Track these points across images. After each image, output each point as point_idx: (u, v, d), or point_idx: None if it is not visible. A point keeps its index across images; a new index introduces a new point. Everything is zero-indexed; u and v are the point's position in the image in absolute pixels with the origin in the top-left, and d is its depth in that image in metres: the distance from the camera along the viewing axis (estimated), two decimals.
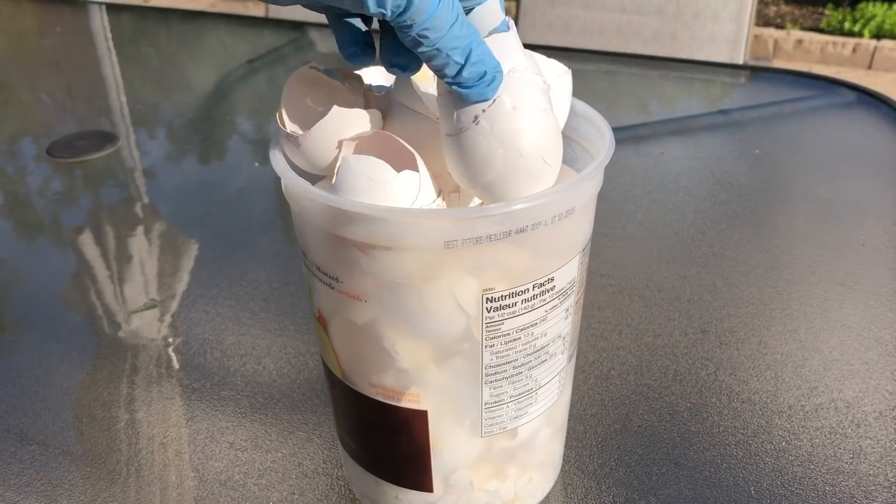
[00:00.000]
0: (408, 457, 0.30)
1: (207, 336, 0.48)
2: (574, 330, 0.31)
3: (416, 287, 0.26)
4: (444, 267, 0.25)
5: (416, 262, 0.25)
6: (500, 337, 0.27)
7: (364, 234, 0.25)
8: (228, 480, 0.38)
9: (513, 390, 0.29)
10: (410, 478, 0.31)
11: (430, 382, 0.28)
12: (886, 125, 0.80)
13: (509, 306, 0.26)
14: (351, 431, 0.33)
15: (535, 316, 0.27)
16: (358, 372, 0.29)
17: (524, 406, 0.29)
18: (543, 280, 0.27)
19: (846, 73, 2.76)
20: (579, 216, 0.27)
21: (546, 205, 0.25)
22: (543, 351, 0.29)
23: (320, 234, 0.27)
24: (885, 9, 3.02)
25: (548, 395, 0.30)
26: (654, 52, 1.13)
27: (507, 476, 0.32)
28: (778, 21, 3.20)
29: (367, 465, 0.33)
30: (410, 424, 0.29)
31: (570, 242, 0.27)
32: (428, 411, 0.29)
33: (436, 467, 0.30)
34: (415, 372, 0.28)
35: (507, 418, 0.29)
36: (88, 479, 0.38)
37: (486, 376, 0.28)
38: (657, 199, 0.65)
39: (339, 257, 0.26)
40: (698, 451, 0.39)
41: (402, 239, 0.24)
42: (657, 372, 0.44)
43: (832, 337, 0.47)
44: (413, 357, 0.27)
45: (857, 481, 0.36)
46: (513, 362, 0.28)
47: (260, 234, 0.61)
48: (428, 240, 0.24)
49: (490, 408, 0.29)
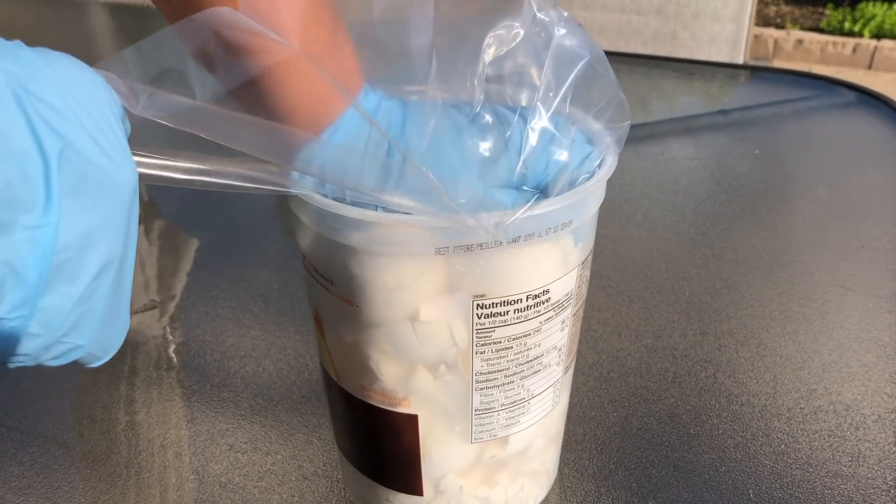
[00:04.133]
0: (399, 460, 0.30)
1: (207, 337, 0.48)
2: (572, 341, 0.30)
3: (406, 294, 0.26)
4: (435, 273, 0.25)
5: (406, 267, 0.25)
6: (492, 345, 0.27)
7: (355, 238, 0.25)
8: (228, 483, 0.38)
9: (504, 398, 0.28)
10: (401, 481, 0.31)
11: (421, 388, 0.28)
12: (886, 125, 0.80)
13: (501, 314, 0.26)
14: (345, 432, 0.33)
15: (528, 326, 0.27)
16: (350, 375, 0.29)
17: (516, 415, 0.29)
18: (538, 291, 0.26)
19: (846, 73, 2.76)
20: (578, 230, 0.26)
21: (540, 217, 0.24)
22: (537, 361, 0.28)
23: (314, 236, 0.27)
24: (885, 9, 3.01)
25: (541, 405, 0.30)
26: (654, 52, 1.13)
27: (497, 483, 0.32)
28: (778, 21, 3.20)
29: (360, 466, 0.33)
30: (401, 428, 0.29)
31: (568, 256, 0.27)
32: (419, 416, 0.28)
33: (426, 471, 0.30)
34: (403, 377, 0.28)
35: (497, 426, 0.29)
36: (88, 481, 0.38)
37: (477, 383, 0.28)
38: (657, 199, 0.65)
39: (332, 260, 0.26)
40: (697, 453, 0.39)
41: (393, 244, 0.24)
42: (656, 374, 0.44)
43: (831, 339, 0.47)
44: (402, 363, 0.27)
45: (856, 484, 0.37)
46: (504, 371, 0.28)
47: (260, 235, 0.61)
48: (419, 246, 0.24)
49: (480, 415, 0.29)
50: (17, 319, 0.17)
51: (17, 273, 0.17)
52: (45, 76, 0.17)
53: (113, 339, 0.20)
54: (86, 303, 0.18)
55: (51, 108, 0.17)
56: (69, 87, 0.18)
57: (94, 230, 0.18)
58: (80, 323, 0.19)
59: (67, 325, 0.18)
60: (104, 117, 0.18)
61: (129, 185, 0.19)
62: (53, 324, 0.18)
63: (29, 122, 0.16)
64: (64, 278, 0.18)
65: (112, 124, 0.18)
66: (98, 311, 0.19)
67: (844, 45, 2.88)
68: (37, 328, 0.18)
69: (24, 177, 0.16)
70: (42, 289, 0.17)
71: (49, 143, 0.17)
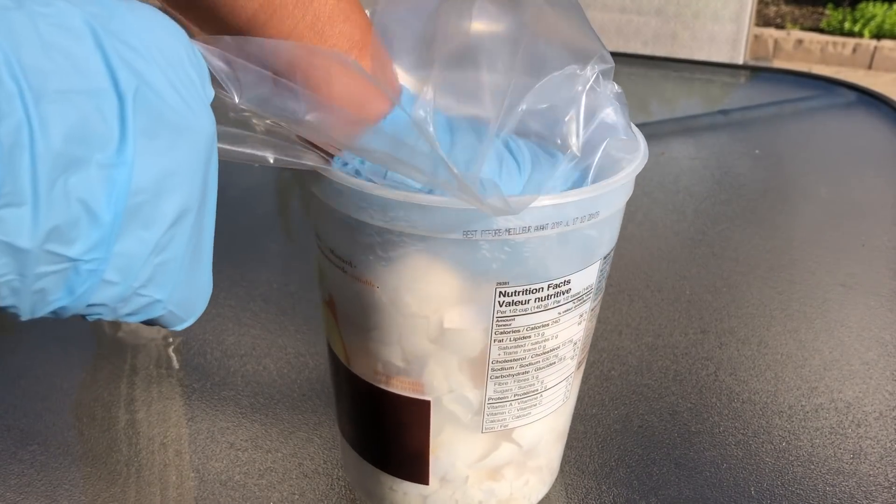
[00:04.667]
0: (406, 447, 0.30)
1: (208, 336, 0.48)
2: (587, 337, 0.30)
3: (430, 277, 0.26)
4: (460, 257, 0.25)
5: (432, 250, 0.25)
6: (510, 333, 0.27)
7: (382, 218, 0.25)
8: (229, 481, 0.38)
9: (518, 389, 0.29)
10: (407, 469, 0.31)
11: (435, 373, 0.28)
12: (886, 125, 0.80)
13: (522, 303, 0.26)
14: (351, 418, 0.33)
15: (547, 316, 0.27)
16: (364, 359, 0.29)
17: (528, 406, 0.29)
18: (559, 282, 0.26)
19: (846, 73, 2.77)
20: (603, 223, 0.26)
21: (569, 205, 0.24)
22: (553, 353, 0.28)
23: (335, 216, 0.26)
24: (885, 9, 3.02)
25: (553, 398, 0.30)
26: (654, 52, 1.13)
27: (503, 476, 0.32)
28: (778, 21, 3.21)
29: (363, 452, 0.33)
30: (412, 414, 0.29)
31: (592, 248, 0.27)
32: (431, 402, 0.29)
33: (433, 460, 0.30)
34: (421, 362, 0.28)
35: (509, 417, 0.29)
36: (89, 480, 0.38)
37: (493, 371, 0.28)
38: (657, 198, 0.65)
39: (354, 241, 0.26)
40: (699, 451, 0.39)
41: (420, 225, 0.24)
42: (657, 372, 0.44)
43: (832, 337, 0.47)
44: (420, 345, 0.27)
45: (858, 481, 0.36)
46: (520, 360, 0.28)
47: (260, 235, 0.61)
48: (447, 228, 0.24)
49: (493, 404, 0.29)
50: (93, 262, 0.17)
51: (92, 212, 0.16)
52: (126, 19, 0.17)
53: (195, 301, 0.20)
54: (162, 252, 0.18)
55: (129, 47, 0.17)
56: (150, 32, 0.18)
57: (170, 175, 0.18)
58: (157, 274, 0.18)
59: (144, 276, 0.18)
60: (183, 68, 0.18)
61: (207, 133, 0.19)
62: (130, 271, 0.18)
63: (106, 59, 0.16)
64: (139, 223, 0.17)
65: (191, 76, 0.18)
66: (176, 265, 0.19)
67: (844, 45, 2.88)
68: (113, 275, 0.17)
69: (100, 113, 0.16)
70: (117, 232, 0.17)
71: (125, 81, 0.16)
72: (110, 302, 0.18)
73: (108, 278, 0.17)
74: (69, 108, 0.15)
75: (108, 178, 0.16)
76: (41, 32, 0.15)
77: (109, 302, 0.18)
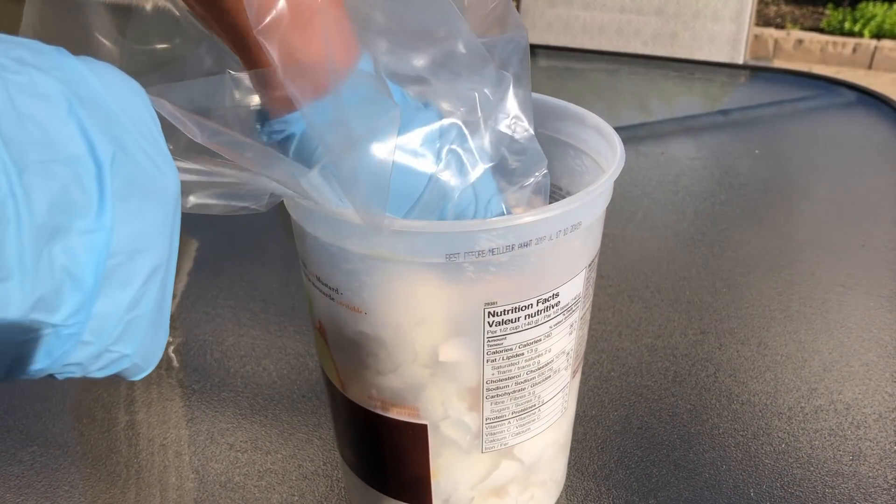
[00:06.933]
0: (407, 470, 0.30)
1: (207, 337, 0.48)
2: (579, 345, 0.30)
3: (417, 300, 0.25)
4: (446, 280, 0.25)
5: (417, 273, 0.25)
6: (503, 352, 0.26)
7: (364, 245, 0.25)
8: (228, 482, 0.38)
9: (515, 406, 0.28)
10: (409, 492, 0.31)
11: (430, 397, 0.28)
12: (886, 125, 0.80)
13: (512, 321, 0.26)
14: (350, 443, 0.32)
15: (538, 332, 0.27)
16: (358, 385, 0.29)
17: (526, 423, 0.29)
18: (548, 295, 0.26)
19: (846, 73, 2.77)
20: (586, 231, 0.26)
21: (551, 220, 0.24)
22: (547, 367, 0.28)
23: (319, 245, 0.26)
24: (885, 9, 3.02)
25: (551, 411, 0.30)
26: (654, 52, 1.13)
27: (508, 493, 0.31)
28: (778, 21, 3.21)
29: (365, 477, 0.32)
30: (410, 438, 0.29)
31: (576, 258, 0.27)
32: (428, 425, 0.28)
33: (435, 482, 0.30)
34: (414, 386, 0.27)
35: (508, 435, 0.29)
36: (89, 481, 0.38)
37: (488, 391, 0.27)
38: (657, 199, 0.65)
39: (339, 268, 0.26)
40: (698, 452, 0.39)
41: (402, 250, 0.24)
42: (657, 373, 0.44)
43: (832, 338, 0.47)
44: (413, 370, 0.27)
45: (857, 483, 0.36)
46: (515, 378, 0.27)
47: (260, 235, 0.61)
48: (428, 252, 0.24)
49: (491, 423, 0.28)
50: (74, 326, 0.17)
51: (75, 278, 0.17)
52: (91, 83, 0.17)
53: (155, 349, 0.21)
54: (134, 309, 0.19)
55: (101, 112, 0.17)
56: (116, 95, 0.18)
57: (143, 235, 0.18)
58: (128, 330, 0.19)
59: (117, 333, 0.18)
60: (147, 126, 0.19)
61: (174, 191, 0.19)
62: (104, 331, 0.18)
63: (81, 127, 0.17)
64: (115, 284, 0.18)
65: (154, 133, 0.19)
66: (146, 318, 0.19)
67: (844, 45, 2.88)
68: (89, 335, 0.18)
69: (79, 181, 0.16)
70: (96, 294, 0.17)
71: (102, 147, 0.17)
72: (84, 361, 0.18)
73: (84, 339, 0.18)
74: (50, 178, 0.16)
75: (88, 244, 0.17)
76: (16, 103, 0.15)
77: (84, 361, 0.18)
